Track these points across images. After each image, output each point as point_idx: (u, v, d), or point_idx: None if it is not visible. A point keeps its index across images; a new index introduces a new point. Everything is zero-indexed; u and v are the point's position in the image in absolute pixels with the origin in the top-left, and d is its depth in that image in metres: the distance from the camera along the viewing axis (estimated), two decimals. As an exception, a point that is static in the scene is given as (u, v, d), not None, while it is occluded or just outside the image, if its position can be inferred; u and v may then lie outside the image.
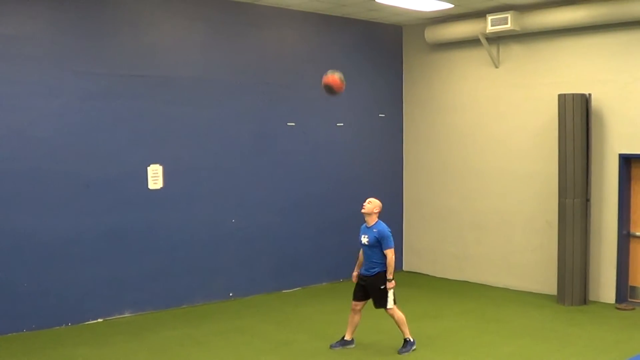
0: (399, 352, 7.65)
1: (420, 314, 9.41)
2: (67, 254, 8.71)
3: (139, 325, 8.85)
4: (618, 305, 9.59)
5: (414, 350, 7.68)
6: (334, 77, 7.43)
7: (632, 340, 8.01)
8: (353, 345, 7.87)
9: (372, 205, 7.66)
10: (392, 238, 7.58)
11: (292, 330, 8.67)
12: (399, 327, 7.69)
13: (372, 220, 7.64)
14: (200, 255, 9.94)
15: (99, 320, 9.00)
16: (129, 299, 9.27)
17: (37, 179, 8.48)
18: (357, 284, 7.76)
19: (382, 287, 7.51)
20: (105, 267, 9.03)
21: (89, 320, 8.91)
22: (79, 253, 8.82)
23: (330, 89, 7.51)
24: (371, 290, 7.62)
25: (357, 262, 7.86)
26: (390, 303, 7.53)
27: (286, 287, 10.94)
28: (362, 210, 7.68)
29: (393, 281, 7.52)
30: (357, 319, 7.82)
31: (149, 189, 9.43)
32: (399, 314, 7.63)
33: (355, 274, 7.81)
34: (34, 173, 8.46)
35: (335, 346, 7.87)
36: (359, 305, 7.75)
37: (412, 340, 7.72)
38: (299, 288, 11.04)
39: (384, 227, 7.60)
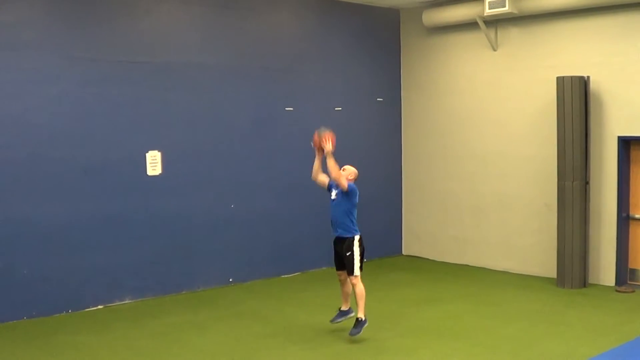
0: (350, 334, 7.40)
1: (420, 298, 9.44)
2: (66, 240, 8.71)
3: (139, 311, 8.87)
4: (618, 288, 9.60)
5: (365, 327, 7.42)
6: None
7: (632, 322, 8.02)
8: (352, 314, 7.68)
9: (346, 172, 7.64)
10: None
11: (291, 315, 8.68)
12: (356, 300, 7.48)
13: None
14: (200, 240, 9.94)
15: (100, 306, 9.02)
16: (129, 285, 9.28)
17: (35, 165, 8.45)
18: (335, 252, 7.67)
19: (348, 253, 7.44)
20: (105, 253, 9.03)
21: (89, 307, 8.92)
22: (78, 240, 8.81)
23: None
24: (342, 256, 7.55)
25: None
26: (356, 270, 7.41)
27: (285, 272, 10.95)
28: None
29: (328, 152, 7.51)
30: (346, 288, 7.72)
31: (147, 175, 9.41)
32: (360, 287, 7.44)
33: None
34: (31, 160, 8.43)
35: (336, 320, 7.76)
36: (342, 274, 7.66)
37: (364, 319, 7.43)
38: (298, 273, 11.06)
39: (352, 184, 7.57)
